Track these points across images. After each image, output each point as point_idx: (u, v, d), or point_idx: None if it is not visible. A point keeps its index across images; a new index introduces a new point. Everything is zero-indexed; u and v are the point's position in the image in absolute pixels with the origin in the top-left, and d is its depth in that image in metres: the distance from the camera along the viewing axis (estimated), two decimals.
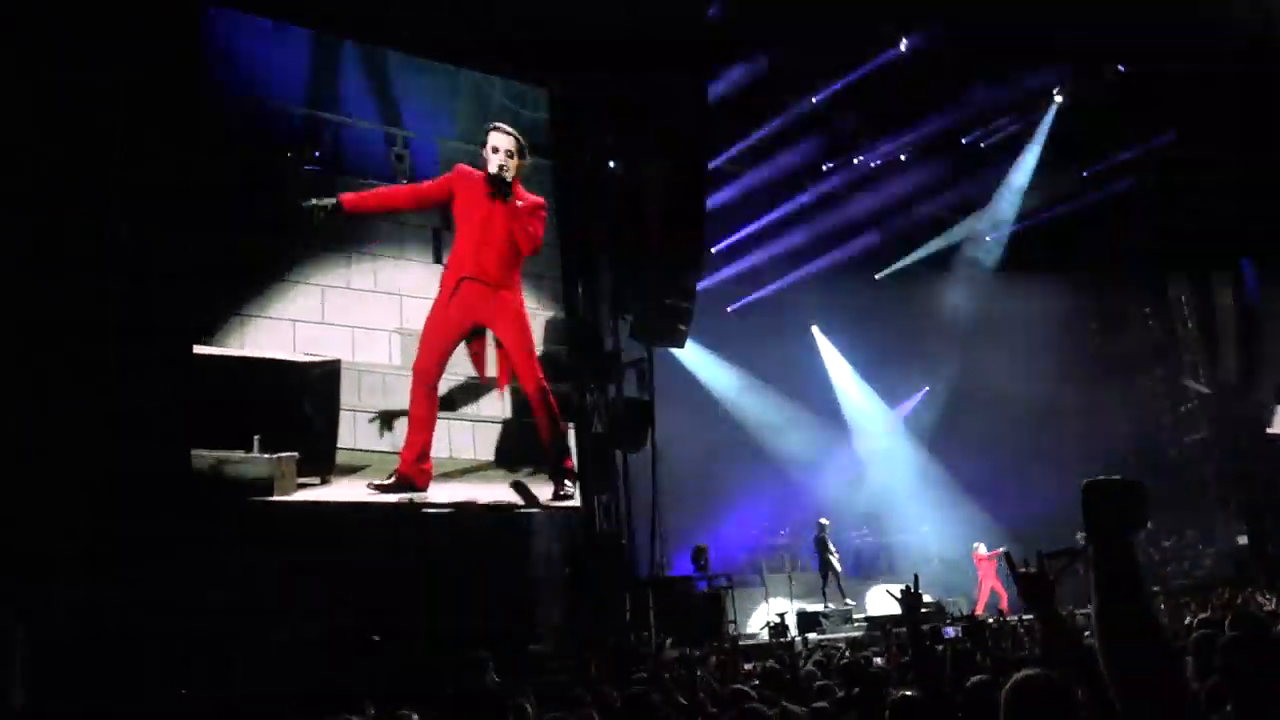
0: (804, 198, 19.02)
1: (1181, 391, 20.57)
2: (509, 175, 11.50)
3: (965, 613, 12.90)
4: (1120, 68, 17.61)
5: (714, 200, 15.99)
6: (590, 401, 12.86)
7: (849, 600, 15.75)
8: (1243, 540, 18.94)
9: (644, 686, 6.52)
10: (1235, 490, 19.46)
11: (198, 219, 9.94)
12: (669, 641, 9.06)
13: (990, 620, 10.24)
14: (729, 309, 20.65)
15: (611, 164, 13.53)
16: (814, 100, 16.55)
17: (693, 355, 18.91)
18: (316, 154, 11.06)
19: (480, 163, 11.59)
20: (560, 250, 12.92)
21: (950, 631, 9.91)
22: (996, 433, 21.38)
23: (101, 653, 8.13)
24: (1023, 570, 2.47)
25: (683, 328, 12.99)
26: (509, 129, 11.79)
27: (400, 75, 12.02)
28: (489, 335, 11.59)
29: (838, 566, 16.45)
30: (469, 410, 11.56)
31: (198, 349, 9.75)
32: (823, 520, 17.89)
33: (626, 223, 12.87)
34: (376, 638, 9.62)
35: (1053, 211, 20.47)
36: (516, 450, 11.77)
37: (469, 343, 11.47)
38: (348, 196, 10.94)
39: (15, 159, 8.87)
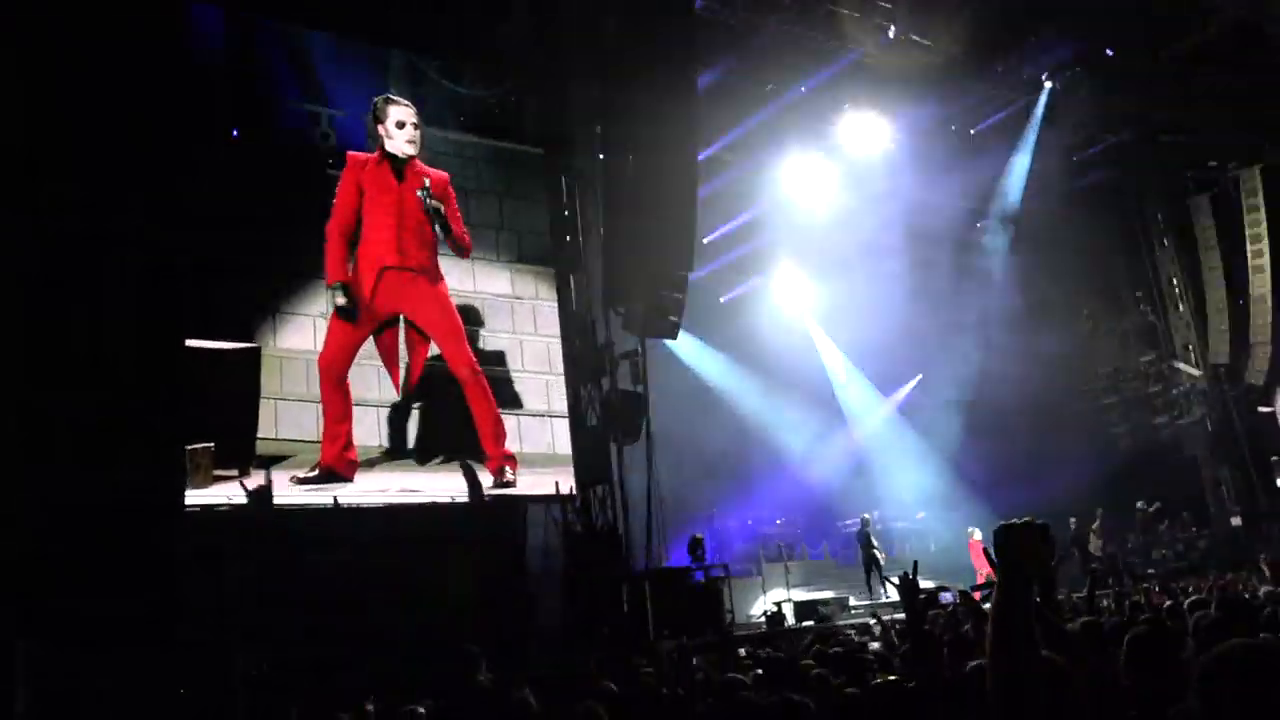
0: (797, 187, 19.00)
1: (1174, 374, 20.63)
2: (395, 147, 11.05)
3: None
4: (1109, 51, 17.63)
5: (705, 189, 15.99)
6: (584, 394, 12.86)
7: (888, 594, 15.76)
8: (1236, 522, 19.05)
9: (643, 677, 6.55)
10: (1229, 472, 19.53)
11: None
12: (665, 632, 9.08)
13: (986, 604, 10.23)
14: (722, 299, 20.67)
15: (601, 155, 13.50)
16: (803, 90, 16.54)
17: (686, 346, 18.92)
18: (235, 131, 10.73)
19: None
20: (551, 242, 12.91)
21: (948, 596, 9.85)
22: (991, 419, 21.48)
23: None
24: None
25: (675, 319, 12.98)
26: (402, 99, 11.32)
27: (324, 53, 11.49)
28: (400, 326, 11.11)
29: (881, 560, 16.42)
30: (401, 396, 11.07)
31: None
32: (865, 515, 17.96)
33: (618, 214, 12.84)
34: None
35: (1045, 196, 20.49)
36: (452, 437, 11.31)
37: (378, 336, 11.00)
38: (336, 273, 10.65)
39: None
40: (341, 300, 10.65)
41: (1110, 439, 21.04)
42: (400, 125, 11.16)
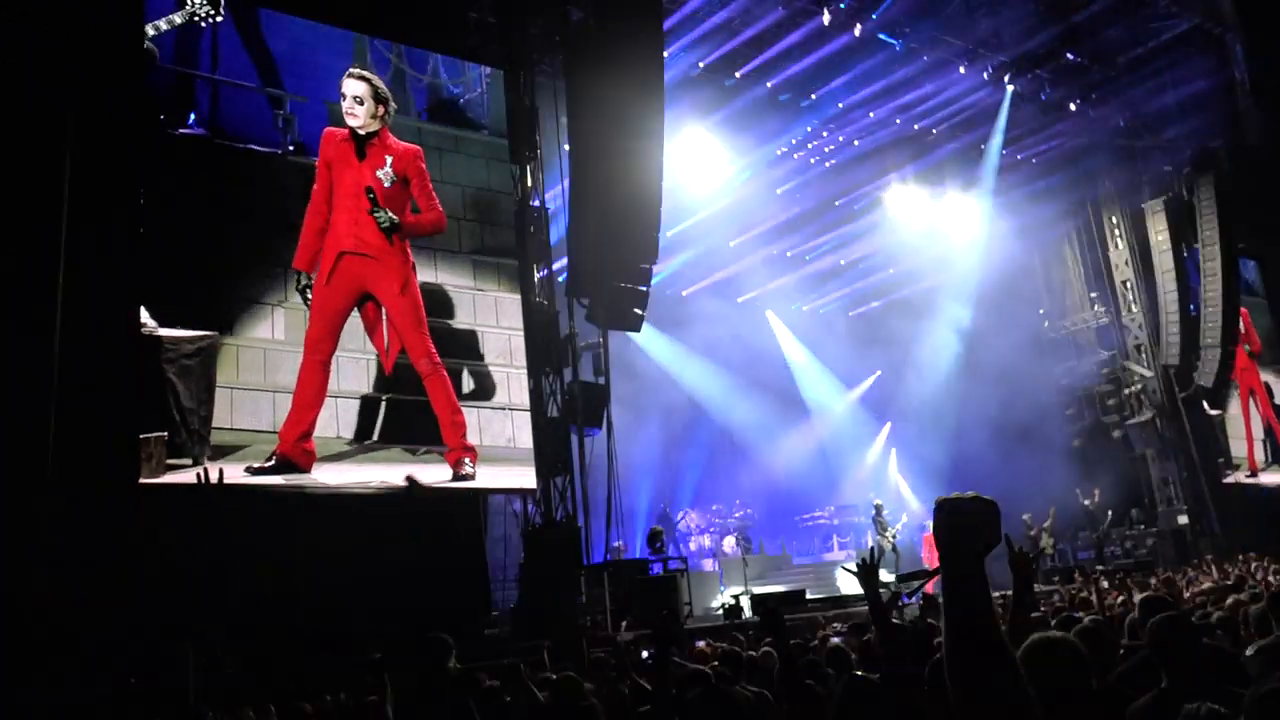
0: (761, 183, 19.09)
1: (1126, 374, 21.02)
2: (356, 123, 10.94)
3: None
4: (1069, 55, 17.90)
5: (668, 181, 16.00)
6: (546, 386, 12.83)
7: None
8: (1183, 520, 19.46)
9: (600, 667, 6.57)
10: (1176, 472, 19.95)
11: None
12: (624, 624, 9.10)
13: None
14: (684, 293, 20.73)
15: (566, 146, 13.46)
16: (769, 85, 16.61)
17: (649, 339, 18.96)
18: (191, 116, 10.49)
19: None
20: (516, 233, 12.85)
21: (908, 599, 9.96)
22: (944, 417, 21.79)
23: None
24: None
25: (639, 312, 12.98)
26: (363, 72, 11.18)
27: (289, 39, 11.28)
28: (384, 308, 11.08)
29: (887, 546, 16.47)
30: (358, 386, 10.97)
31: None
32: (877, 501, 18.08)
33: (582, 205, 12.81)
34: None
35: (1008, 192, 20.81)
36: (411, 429, 11.19)
37: (361, 309, 10.93)
38: (299, 261, 10.55)
39: None
40: (301, 285, 10.58)
41: (1064, 437, 21.41)
42: (342, 98, 11.04)
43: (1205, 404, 19.80)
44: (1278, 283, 22.19)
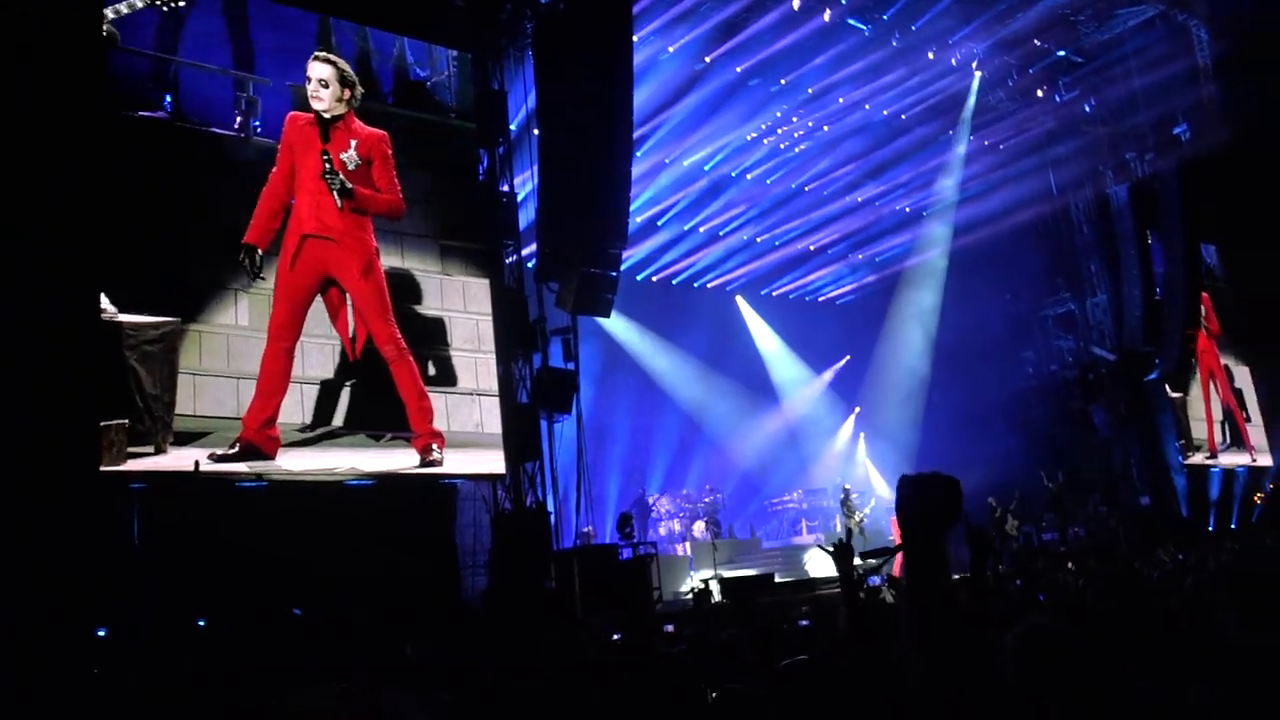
0: (729, 168, 19.11)
1: (1091, 359, 21.27)
2: (321, 106, 10.79)
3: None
4: (1036, 41, 18.02)
5: (639, 171, 15.98)
6: (515, 371, 12.77)
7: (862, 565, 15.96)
8: (1145, 501, 19.76)
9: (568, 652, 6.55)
10: (1139, 455, 20.23)
11: None
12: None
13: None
14: (654, 278, 20.74)
15: (535, 130, 13.37)
16: (738, 70, 16.60)
17: (619, 324, 18.96)
18: (168, 99, 10.21)
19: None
20: (484, 217, 12.75)
21: (875, 580, 10.05)
22: (917, 399, 22.00)
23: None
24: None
25: (609, 296, 12.96)
26: (328, 55, 11.01)
27: (246, 18, 11.00)
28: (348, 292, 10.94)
29: (855, 527, 16.62)
30: (323, 372, 10.81)
31: None
32: (845, 485, 18.22)
33: (551, 189, 12.75)
34: (298, 611, 9.47)
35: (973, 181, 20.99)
36: (377, 415, 11.05)
37: (325, 294, 10.79)
38: (249, 235, 10.31)
39: None
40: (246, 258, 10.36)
41: (1030, 421, 21.65)
42: (308, 81, 10.87)
43: (1167, 387, 20.08)
44: (1238, 267, 22.50)
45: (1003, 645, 2.20)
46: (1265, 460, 21.90)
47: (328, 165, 10.79)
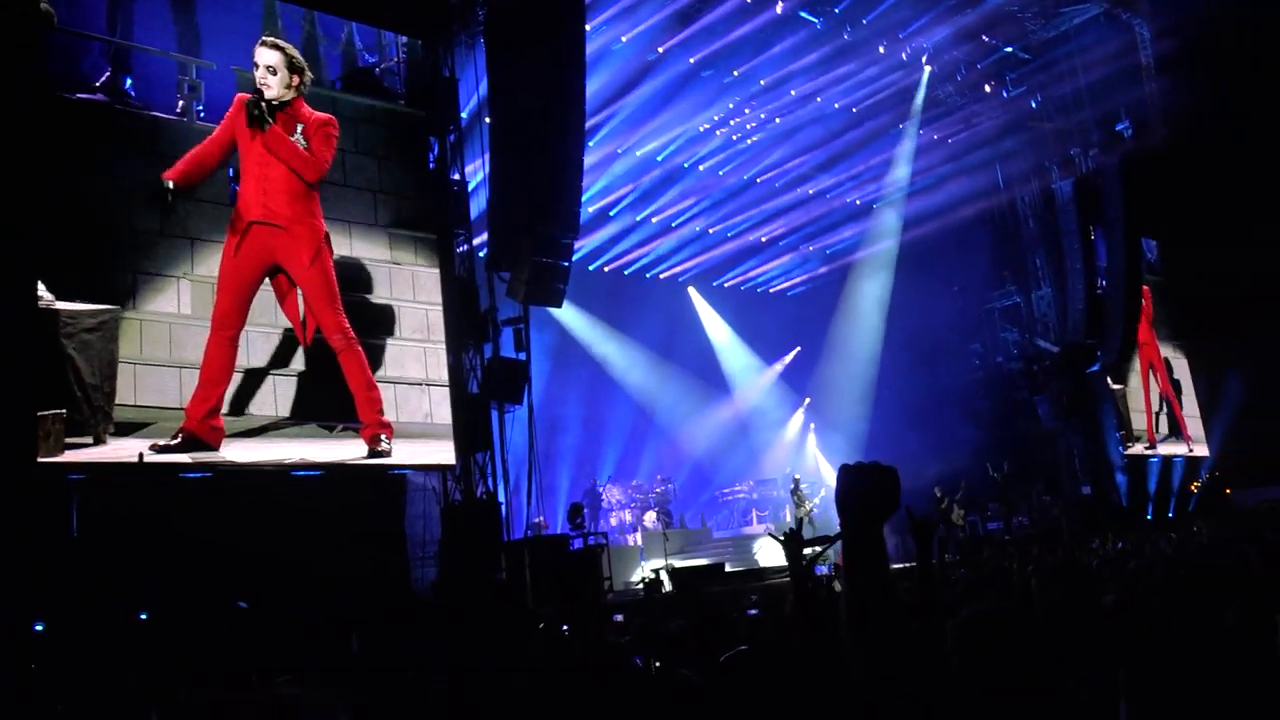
0: (682, 159, 19.12)
1: (1035, 351, 21.64)
2: (270, 94, 10.60)
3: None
4: (985, 37, 18.24)
5: (592, 161, 15.93)
6: (466, 361, 12.68)
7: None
8: (1087, 491, 20.20)
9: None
10: (1081, 444, 20.65)
11: None
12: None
13: None
14: (607, 268, 20.71)
15: (487, 119, 13.25)
16: (691, 61, 16.59)
17: (570, 315, 18.92)
18: (104, 76, 9.94)
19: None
20: (435, 206, 12.61)
21: (823, 569, 10.14)
22: (866, 390, 22.23)
23: None
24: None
25: (561, 286, 12.91)
26: (276, 41, 10.83)
27: (200, 1, 10.77)
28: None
29: (804, 517, 16.70)
30: (271, 363, 10.63)
31: None
32: (795, 475, 18.31)
33: (502, 177, 12.65)
34: (243, 604, 9.32)
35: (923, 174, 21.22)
36: (324, 405, 10.87)
37: (274, 281, 10.59)
38: (169, 173, 10.06)
39: None
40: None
41: (976, 413, 21.98)
42: (256, 67, 10.67)
43: (1109, 379, 20.51)
44: (1177, 262, 23.04)
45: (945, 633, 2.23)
46: (1202, 450, 22.50)
47: (258, 97, 10.49)
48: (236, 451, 10.16)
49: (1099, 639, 3.32)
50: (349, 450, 10.96)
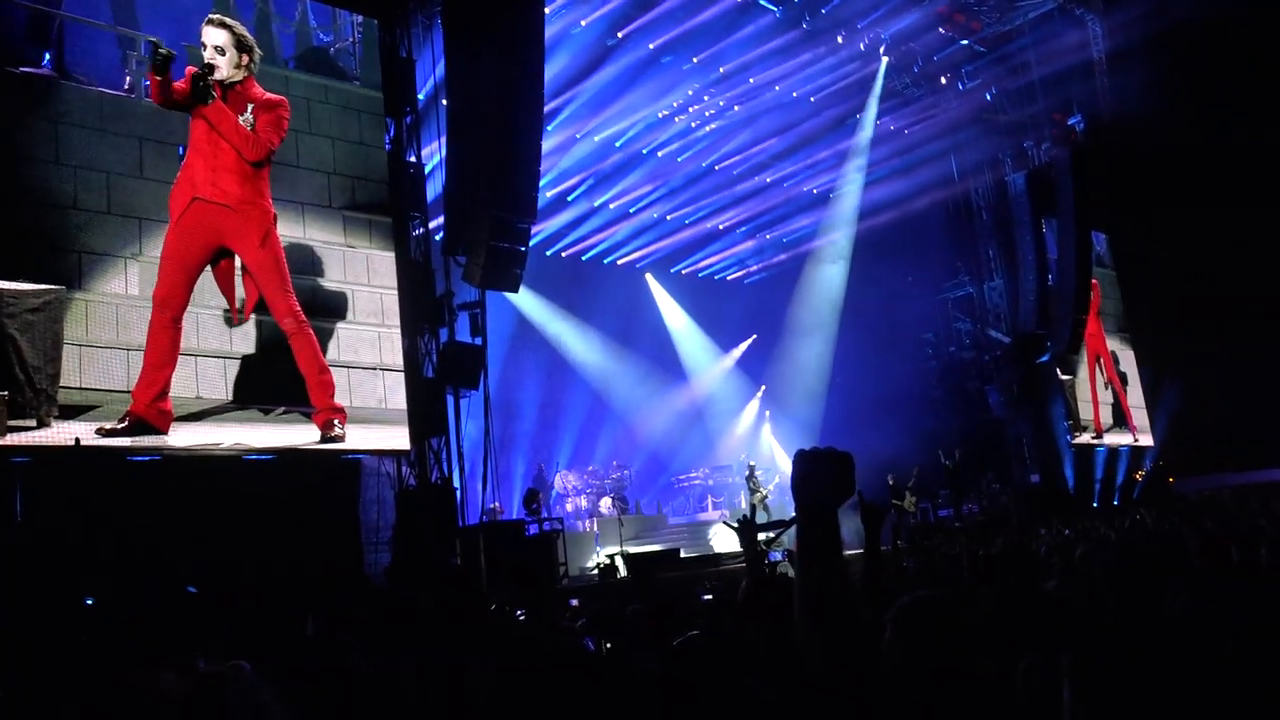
0: (641, 145, 19.08)
1: (987, 341, 21.95)
2: (220, 75, 10.34)
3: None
4: (941, 30, 18.40)
5: (550, 146, 15.84)
6: (421, 345, 12.58)
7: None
8: (1035, 479, 20.57)
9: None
10: (1030, 433, 21.01)
11: None
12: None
13: None
14: (564, 254, 20.64)
15: (444, 101, 13.12)
16: (650, 47, 16.55)
17: (527, 300, 18.85)
18: (47, 56, 9.67)
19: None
20: (390, 189, 12.47)
21: (776, 555, 10.22)
22: (821, 378, 22.40)
23: None
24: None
25: (517, 271, 12.83)
26: (223, 19, 10.54)
27: None
28: (238, 258, 10.50)
29: (759, 503, 16.78)
30: (219, 345, 10.47)
31: None
32: (750, 462, 18.36)
33: (459, 160, 12.54)
34: (192, 589, 9.19)
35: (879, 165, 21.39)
36: (275, 389, 10.72)
37: (215, 265, 10.35)
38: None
39: None
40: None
41: (930, 400, 22.26)
42: (204, 47, 10.39)
43: (1058, 370, 20.86)
44: (1126, 255, 23.49)
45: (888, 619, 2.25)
46: (1147, 440, 23.02)
47: (206, 70, 10.22)
48: (185, 436, 9.99)
49: (1044, 623, 3.38)
50: (301, 435, 10.84)
